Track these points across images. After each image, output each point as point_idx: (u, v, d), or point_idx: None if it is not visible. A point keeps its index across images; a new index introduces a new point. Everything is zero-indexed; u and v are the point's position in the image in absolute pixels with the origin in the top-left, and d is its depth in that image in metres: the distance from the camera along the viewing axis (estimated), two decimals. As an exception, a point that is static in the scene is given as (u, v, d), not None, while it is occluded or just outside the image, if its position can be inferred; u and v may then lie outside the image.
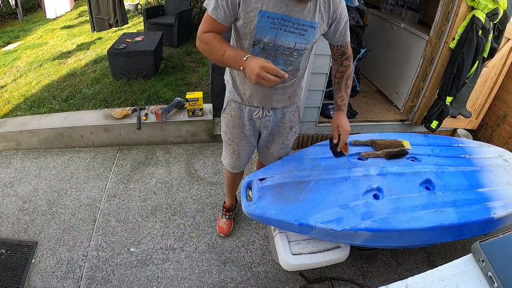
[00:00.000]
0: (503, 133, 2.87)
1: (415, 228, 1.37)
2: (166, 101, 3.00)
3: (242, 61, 1.10)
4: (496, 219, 1.46)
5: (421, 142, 1.90)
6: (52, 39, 5.23)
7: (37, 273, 1.82)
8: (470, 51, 2.30)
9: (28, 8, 7.16)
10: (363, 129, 2.82)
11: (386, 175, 1.57)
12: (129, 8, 6.42)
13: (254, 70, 1.04)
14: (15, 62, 4.31)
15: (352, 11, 2.50)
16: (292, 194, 1.46)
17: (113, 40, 4.42)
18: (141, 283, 1.79)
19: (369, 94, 3.40)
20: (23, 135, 2.65)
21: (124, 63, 3.35)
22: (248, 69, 1.07)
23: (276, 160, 1.69)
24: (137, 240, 2.01)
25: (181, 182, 2.44)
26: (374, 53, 3.27)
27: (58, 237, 2.01)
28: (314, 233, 1.40)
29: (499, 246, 1.03)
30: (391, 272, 1.91)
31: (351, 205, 1.43)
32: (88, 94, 3.14)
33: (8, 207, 2.20)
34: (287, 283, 1.81)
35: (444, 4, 2.38)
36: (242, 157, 1.68)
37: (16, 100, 3.17)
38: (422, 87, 2.73)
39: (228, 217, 2.09)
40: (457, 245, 2.08)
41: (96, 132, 2.70)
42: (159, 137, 2.80)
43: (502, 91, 2.86)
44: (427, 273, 1.01)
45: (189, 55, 4.36)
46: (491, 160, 1.81)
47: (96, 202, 2.25)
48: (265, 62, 1.05)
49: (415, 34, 2.86)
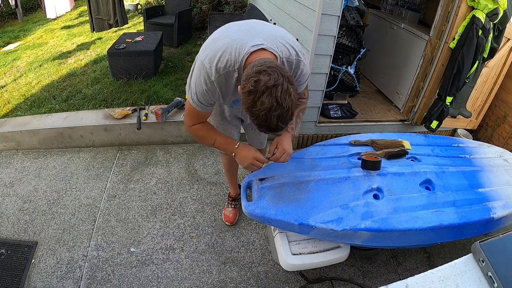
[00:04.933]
0: (503, 133, 2.87)
1: (415, 228, 1.37)
2: (166, 101, 3.00)
3: (234, 149, 1.34)
4: (496, 219, 1.46)
5: (421, 142, 1.90)
6: (52, 39, 5.23)
7: (37, 273, 1.82)
8: (470, 51, 2.30)
9: (28, 8, 7.16)
10: (363, 129, 2.82)
11: (386, 175, 1.57)
12: (129, 8, 6.41)
13: (247, 159, 1.31)
14: (15, 62, 4.31)
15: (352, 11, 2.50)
16: (292, 194, 1.46)
17: (113, 40, 4.42)
18: (141, 283, 1.79)
19: (369, 94, 3.40)
20: (23, 135, 2.65)
21: (124, 63, 3.34)
22: (240, 156, 1.32)
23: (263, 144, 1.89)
24: (137, 240, 2.01)
25: (181, 182, 2.44)
26: (374, 53, 3.26)
27: (58, 237, 2.01)
28: (314, 233, 1.40)
29: (499, 246, 1.03)
30: (391, 272, 1.91)
31: (351, 205, 1.43)
32: (88, 94, 3.13)
33: (8, 207, 2.20)
34: (287, 283, 1.81)
35: (444, 4, 2.38)
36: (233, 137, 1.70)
37: (16, 100, 3.17)
38: (422, 87, 2.72)
39: (233, 206, 2.16)
40: (457, 245, 2.07)
41: (96, 132, 2.70)
42: (159, 137, 2.80)
43: (502, 91, 2.86)
44: (427, 273, 1.01)
45: (189, 55, 4.36)
46: (491, 160, 1.81)
47: (96, 202, 2.25)
48: (256, 154, 1.30)
49: (415, 34, 2.86)
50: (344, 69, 2.54)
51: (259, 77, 0.99)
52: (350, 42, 2.52)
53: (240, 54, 1.13)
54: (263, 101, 0.98)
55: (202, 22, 5.29)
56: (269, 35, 1.18)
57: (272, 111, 0.99)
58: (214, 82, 1.17)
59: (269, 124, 1.03)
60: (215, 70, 1.15)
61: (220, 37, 1.21)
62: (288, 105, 1.00)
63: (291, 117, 1.06)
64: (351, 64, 2.55)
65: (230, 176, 2.08)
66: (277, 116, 1.00)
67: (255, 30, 1.20)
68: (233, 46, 1.14)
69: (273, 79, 0.98)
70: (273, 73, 0.99)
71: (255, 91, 0.99)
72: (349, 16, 2.47)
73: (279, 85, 0.98)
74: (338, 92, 2.73)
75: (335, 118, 2.76)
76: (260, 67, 1.01)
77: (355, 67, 2.57)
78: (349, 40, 2.51)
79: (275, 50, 1.15)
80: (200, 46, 4.95)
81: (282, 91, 0.98)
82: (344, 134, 2.40)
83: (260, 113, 1.00)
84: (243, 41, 1.14)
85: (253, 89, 0.99)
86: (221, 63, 1.15)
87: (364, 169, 1.56)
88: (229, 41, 1.16)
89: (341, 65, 2.52)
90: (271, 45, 1.15)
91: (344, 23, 2.40)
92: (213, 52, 1.16)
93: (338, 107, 2.80)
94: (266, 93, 0.98)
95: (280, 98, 0.98)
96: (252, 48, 1.12)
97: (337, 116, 2.77)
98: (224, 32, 1.22)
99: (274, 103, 0.98)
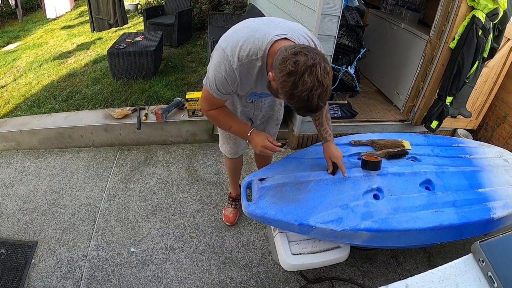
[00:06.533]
0: (503, 133, 2.87)
1: (415, 228, 1.37)
2: (166, 101, 3.00)
3: (247, 136, 1.40)
4: (496, 219, 1.46)
5: (421, 142, 1.90)
6: (52, 39, 5.23)
7: (37, 273, 1.83)
8: (470, 51, 2.30)
9: (28, 8, 7.16)
10: (363, 129, 2.82)
11: (386, 175, 1.57)
12: (129, 8, 6.41)
13: (258, 145, 1.37)
14: (15, 62, 4.31)
15: (352, 11, 2.50)
16: (292, 194, 1.46)
17: (113, 40, 4.42)
18: (141, 283, 1.79)
19: (369, 94, 3.40)
20: (23, 135, 2.65)
21: (124, 63, 3.34)
22: (253, 143, 1.39)
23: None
24: (137, 240, 2.01)
25: (181, 182, 2.44)
26: (374, 53, 3.26)
27: (58, 237, 2.01)
28: (314, 233, 1.40)
29: (499, 246, 1.03)
30: (391, 272, 1.91)
31: (351, 205, 1.43)
32: (88, 94, 3.13)
33: (8, 207, 2.20)
34: (287, 283, 1.81)
35: (444, 4, 2.38)
36: (238, 142, 1.76)
37: (16, 100, 3.17)
38: (422, 87, 2.72)
39: (234, 206, 2.16)
40: (457, 245, 2.07)
41: (96, 132, 2.70)
42: (159, 137, 2.80)
43: (502, 91, 2.86)
44: (427, 273, 1.01)
45: (189, 55, 4.36)
46: (491, 160, 1.81)
47: (96, 202, 2.25)
48: (265, 142, 1.35)
49: (415, 34, 2.86)
50: (344, 69, 2.53)
51: (297, 57, 0.98)
52: (350, 42, 2.52)
53: (264, 43, 1.13)
54: (305, 80, 0.98)
55: (202, 22, 5.29)
56: (289, 28, 1.19)
57: (314, 90, 0.99)
58: (235, 70, 1.17)
59: (310, 105, 1.02)
60: (237, 58, 1.16)
61: (241, 28, 1.23)
62: (328, 83, 1.01)
63: (329, 96, 1.07)
64: (351, 64, 2.55)
65: (232, 178, 2.08)
66: (318, 95, 1.00)
67: (275, 23, 1.22)
68: (256, 36, 1.15)
69: (311, 59, 0.98)
70: (309, 53, 0.99)
71: (296, 72, 0.98)
72: (349, 16, 2.47)
73: (317, 64, 0.98)
74: (338, 92, 2.73)
75: (335, 118, 2.76)
76: (295, 48, 1.01)
77: (355, 67, 2.57)
78: (349, 40, 2.51)
79: (297, 41, 1.15)
80: (200, 46, 4.97)
81: (321, 70, 0.98)
82: (344, 134, 2.40)
83: (303, 93, 0.99)
84: (266, 31, 1.15)
85: (293, 70, 0.98)
86: (243, 52, 1.15)
87: (364, 169, 1.57)
88: (251, 31, 1.17)
89: (341, 65, 2.52)
90: (293, 36, 1.16)
91: (344, 23, 2.40)
92: (235, 40, 1.17)
93: (338, 107, 2.80)
94: (307, 72, 0.97)
95: (320, 76, 0.98)
96: (276, 37, 1.13)
97: (337, 116, 2.77)
98: (245, 24, 1.24)
99: (315, 82, 0.98)
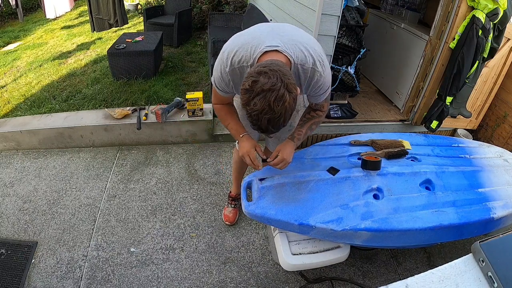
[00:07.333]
0: (503, 133, 2.87)
1: (415, 228, 1.37)
2: (166, 101, 3.00)
3: (239, 137, 1.42)
4: (496, 219, 1.46)
5: (421, 142, 1.90)
6: (52, 39, 5.23)
7: (37, 273, 1.82)
8: (470, 51, 2.30)
9: (28, 8, 7.16)
10: (363, 129, 2.82)
11: (386, 175, 1.57)
12: (129, 8, 6.41)
13: (243, 150, 1.38)
14: (15, 62, 4.31)
15: (352, 11, 2.50)
16: (292, 194, 1.46)
17: (113, 40, 4.42)
18: (141, 283, 1.79)
19: (369, 94, 3.40)
20: (23, 135, 2.65)
21: (124, 63, 3.35)
22: (240, 146, 1.41)
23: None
24: (137, 240, 2.01)
25: (181, 182, 2.44)
26: (374, 53, 3.26)
27: (58, 237, 2.01)
28: (314, 233, 1.40)
29: (499, 246, 1.03)
30: (391, 272, 1.91)
31: (351, 205, 1.43)
32: (88, 94, 3.13)
33: (8, 207, 2.20)
34: (287, 283, 1.81)
35: (444, 4, 2.38)
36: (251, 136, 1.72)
37: (16, 100, 3.17)
38: (422, 87, 2.72)
39: (233, 206, 2.16)
40: (457, 245, 2.07)
41: (96, 132, 2.70)
42: (159, 137, 2.80)
43: (502, 91, 2.86)
44: (427, 273, 1.01)
45: (189, 55, 4.36)
46: (491, 160, 1.81)
47: (96, 202, 2.25)
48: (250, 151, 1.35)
49: (415, 34, 2.86)
50: (344, 69, 2.54)
51: (258, 78, 1.01)
52: (350, 42, 2.52)
53: (255, 52, 1.16)
54: (255, 102, 1.01)
55: (202, 22, 5.29)
56: (289, 39, 1.19)
57: (263, 114, 1.02)
58: (228, 73, 1.23)
59: (260, 125, 1.06)
60: (230, 62, 1.21)
61: (245, 33, 1.26)
62: (281, 111, 1.02)
63: (284, 123, 1.08)
64: (351, 64, 2.55)
65: (237, 176, 2.07)
66: (267, 120, 1.03)
67: (278, 31, 1.22)
68: (252, 43, 1.18)
69: (270, 83, 0.99)
70: (273, 77, 1.00)
71: (251, 91, 1.01)
72: (349, 16, 2.47)
73: (274, 90, 0.99)
74: (338, 92, 2.73)
75: (335, 118, 2.76)
76: (263, 68, 1.03)
77: (355, 67, 2.57)
78: (349, 40, 2.51)
79: (290, 54, 1.16)
80: (200, 46, 4.98)
81: (276, 97, 1.00)
82: (344, 134, 2.40)
83: (252, 112, 1.03)
84: (261, 39, 1.18)
85: (249, 89, 1.02)
86: (236, 57, 1.20)
87: (364, 169, 1.57)
88: (250, 38, 1.21)
89: (341, 65, 2.52)
90: (288, 48, 1.16)
91: (344, 23, 2.40)
92: (234, 45, 1.22)
93: (338, 107, 2.80)
94: (261, 95, 1.00)
95: (272, 103, 1.00)
96: (267, 48, 1.15)
97: (337, 116, 2.77)
98: (251, 29, 1.28)
99: (266, 106, 1.00)
